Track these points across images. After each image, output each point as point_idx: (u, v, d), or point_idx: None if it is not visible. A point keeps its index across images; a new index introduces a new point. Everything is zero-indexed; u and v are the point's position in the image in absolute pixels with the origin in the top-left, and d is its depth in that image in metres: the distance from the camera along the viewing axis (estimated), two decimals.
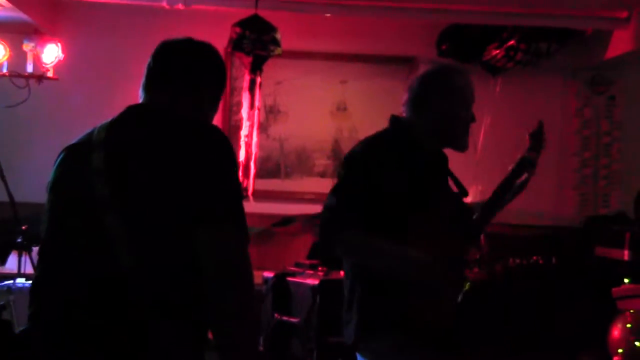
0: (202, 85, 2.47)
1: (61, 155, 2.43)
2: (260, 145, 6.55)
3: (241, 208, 2.22)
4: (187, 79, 2.46)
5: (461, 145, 3.15)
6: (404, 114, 3.15)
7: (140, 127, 2.33)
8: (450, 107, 3.08)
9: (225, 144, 2.29)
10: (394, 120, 3.17)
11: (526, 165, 3.23)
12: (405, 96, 3.16)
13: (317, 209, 6.72)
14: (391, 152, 3.03)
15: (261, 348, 5.28)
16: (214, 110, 2.54)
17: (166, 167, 2.19)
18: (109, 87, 6.79)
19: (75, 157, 2.35)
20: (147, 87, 2.46)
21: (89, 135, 2.39)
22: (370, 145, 3.09)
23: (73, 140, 2.42)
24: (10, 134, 6.62)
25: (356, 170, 2.98)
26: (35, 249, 6.16)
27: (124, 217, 2.12)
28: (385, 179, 2.93)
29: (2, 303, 2.57)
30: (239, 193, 2.30)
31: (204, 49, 2.57)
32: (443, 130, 3.10)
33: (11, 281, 4.14)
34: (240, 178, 2.20)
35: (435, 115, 3.08)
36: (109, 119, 2.39)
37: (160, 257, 2.13)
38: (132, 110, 2.41)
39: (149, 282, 2.08)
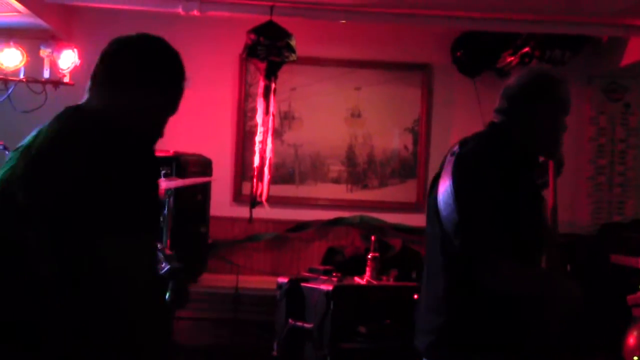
0: (144, 86, 2.38)
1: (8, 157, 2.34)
2: (274, 151, 6.57)
3: (130, 217, 2.17)
4: (126, 79, 2.36)
5: (557, 153, 3.12)
6: (497, 120, 3.07)
7: (59, 132, 2.26)
8: (555, 114, 3.04)
9: (104, 152, 2.21)
10: (498, 128, 3.05)
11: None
12: (501, 102, 3.07)
13: (331, 214, 6.87)
14: (507, 167, 2.93)
15: (275, 353, 5.29)
16: (166, 110, 2.46)
17: (68, 175, 2.15)
18: None
19: (9, 160, 2.28)
20: (89, 88, 2.39)
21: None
22: (491, 161, 2.94)
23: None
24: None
25: (486, 191, 2.85)
26: None
27: (38, 226, 2.10)
28: (508, 196, 2.85)
29: None
30: (120, 201, 2.18)
31: (151, 47, 2.44)
32: (545, 138, 3.04)
33: None
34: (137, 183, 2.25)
35: (539, 123, 3.02)
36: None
37: (73, 266, 2.10)
38: (61, 114, 2.33)
39: (67, 293, 2.09)
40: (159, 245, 2.61)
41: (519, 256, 2.78)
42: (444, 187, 2.87)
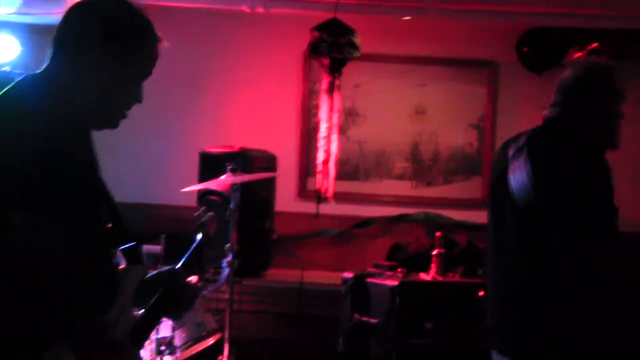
0: (89, 48, 2.21)
1: None
2: (339, 148, 6.58)
3: (33, 190, 1.98)
4: (74, 42, 2.22)
5: (616, 143, 3.11)
6: (553, 114, 3.08)
7: (5, 100, 2.13)
8: (611, 103, 3.05)
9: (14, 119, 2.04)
10: (557, 121, 3.07)
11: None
12: (556, 97, 3.09)
13: (395, 211, 6.86)
14: (587, 156, 2.95)
15: (340, 348, 5.30)
16: (125, 77, 2.27)
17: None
18: (194, 91, 6.94)
19: None
20: (50, 55, 2.25)
21: None
22: (574, 151, 2.95)
23: None
24: (102, 135, 6.74)
25: (581, 181, 2.88)
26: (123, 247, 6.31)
27: None
28: (597, 186, 2.87)
29: None
30: (26, 172, 1.99)
31: (103, 6, 2.25)
32: (603, 128, 3.05)
33: None
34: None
35: (596, 113, 3.03)
36: None
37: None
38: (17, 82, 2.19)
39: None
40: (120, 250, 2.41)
41: (605, 245, 2.79)
42: (521, 184, 2.88)
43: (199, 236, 2.76)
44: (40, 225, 1.97)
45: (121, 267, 2.33)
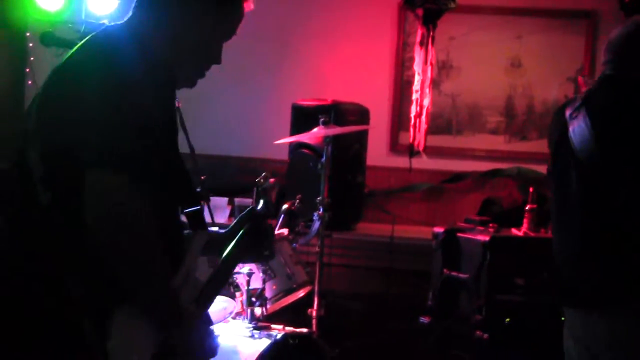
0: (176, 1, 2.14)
1: None
2: (432, 101, 6.52)
3: (120, 146, 1.92)
4: None
5: None
6: (605, 72, 3.06)
7: (78, 54, 2.08)
8: None
9: (94, 61, 2.00)
10: (613, 79, 3.04)
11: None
12: (607, 55, 3.07)
13: (488, 166, 6.77)
14: None
15: (430, 302, 5.30)
16: (210, 34, 2.21)
17: (65, 100, 1.99)
18: (287, 44, 6.95)
19: None
20: (134, 5, 2.20)
21: None
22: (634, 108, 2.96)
23: None
24: (198, 90, 6.80)
25: None
26: (213, 199, 6.41)
27: (38, 154, 2.01)
28: None
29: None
30: (113, 127, 1.93)
31: None
32: None
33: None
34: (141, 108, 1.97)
35: None
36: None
37: (69, 199, 1.96)
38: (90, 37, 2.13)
39: (62, 223, 1.99)
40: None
41: None
42: (583, 139, 2.87)
43: (260, 203, 2.60)
44: (119, 185, 1.91)
45: (186, 231, 2.29)
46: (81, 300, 2.01)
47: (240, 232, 2.39)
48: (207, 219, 4.96)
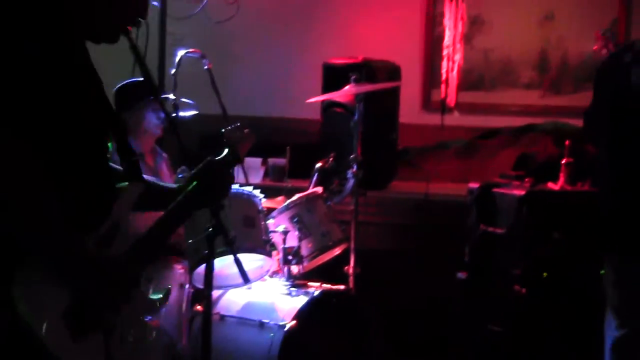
0: None
1: None
2: (464, 57, 6.45)
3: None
4: None
5: None
6: None
7: None
8: None
9: None
10: None
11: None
12: None
13: (522, 121, 6.70)
14: None
15: (466, 258, 5.28)
16: None
17: None
18: (317, 3, 6.91)
19: None
20: None
21: None
22: None
23: None
24: (222, 48, 6.83)
25: None
26: (247, 160, 6.41)
27: None
28: None
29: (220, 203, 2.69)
30: None
31: None
32: None
33: None
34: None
35: None
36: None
37: None
38: None
39: None
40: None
41: None
42: None
43: (224, 152, 2.55)
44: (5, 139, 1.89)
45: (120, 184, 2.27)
46: None
47: (193, 184, 2.36)
48: (242, 179, 4.98)
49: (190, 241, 4.14)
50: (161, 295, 2.39)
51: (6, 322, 1.97)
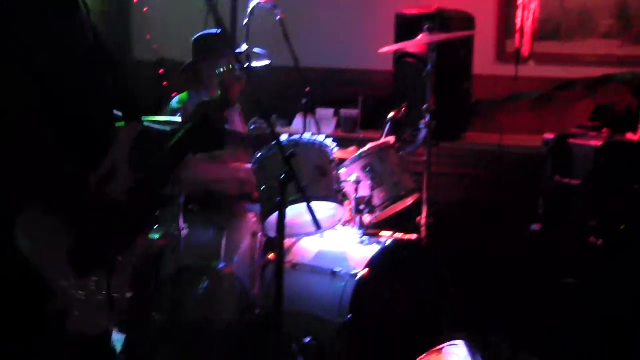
0: None
1: None
2: (539, 6, 6.31)
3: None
4: None
5: None
6: None
7: None
8: None
9: None
10: None
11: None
12: None
13: (599, 72, 6.54)
14: None
15: (540, 210, 5.22)
16: None
17: None
18: None
19: None
20: None
21: None
22: None
23: None
24: (296, 3, 6.81)
25: None
26: (319, 111, 6.42)
27: None
28: None
29: (292, 152, 2.73)
30: None
31: None
32: None
33: (298, 136, 4.34)
34: None
35: None
36: None
37: None
38: None
39: None
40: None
41: None
42: None
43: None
44: None
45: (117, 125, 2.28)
46: None
47: (186, 126, 2.38)
48: (314, 130, 4.99)
49: (263, 188, 4.17)
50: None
51: (9, 262, 1.99)
